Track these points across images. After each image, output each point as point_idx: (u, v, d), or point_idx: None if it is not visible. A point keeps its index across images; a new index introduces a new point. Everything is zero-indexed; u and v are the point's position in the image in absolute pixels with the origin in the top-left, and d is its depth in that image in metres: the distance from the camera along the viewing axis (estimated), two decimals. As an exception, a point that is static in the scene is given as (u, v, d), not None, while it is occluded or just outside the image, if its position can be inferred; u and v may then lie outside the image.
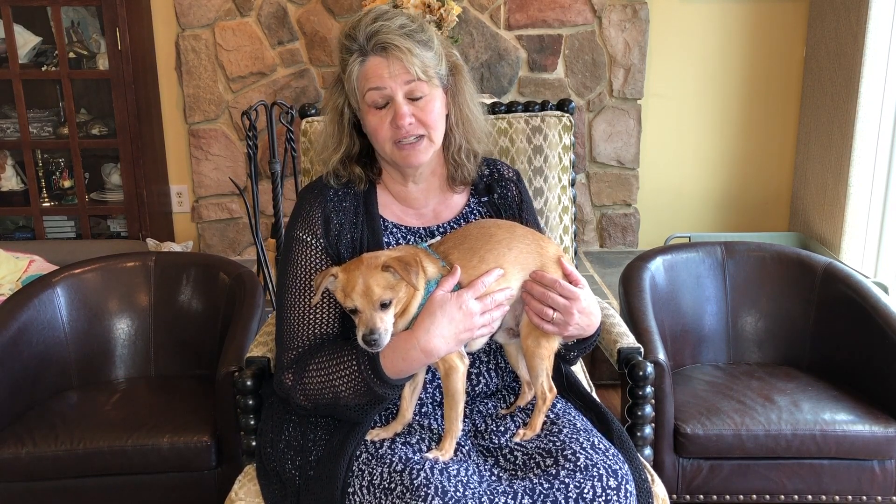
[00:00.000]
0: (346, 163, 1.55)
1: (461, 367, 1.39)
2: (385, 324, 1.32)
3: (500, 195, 1.63)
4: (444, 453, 1.36)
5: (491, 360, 1.54)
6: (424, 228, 1.57)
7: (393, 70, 1.42)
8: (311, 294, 1.45)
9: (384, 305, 1.31)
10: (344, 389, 1.37)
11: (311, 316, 1.45)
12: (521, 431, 1.44)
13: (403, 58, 1.41)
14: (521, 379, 1.53)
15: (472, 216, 1.60)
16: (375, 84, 1.43)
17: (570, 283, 1.44)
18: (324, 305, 1.46)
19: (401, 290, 1.33)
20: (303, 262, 1.48)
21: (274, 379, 1.49)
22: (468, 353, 1.44)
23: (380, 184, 1.58)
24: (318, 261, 1.47)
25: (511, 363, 1.54)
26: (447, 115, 1.54)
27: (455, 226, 1.57)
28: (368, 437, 1.41)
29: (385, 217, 1.55)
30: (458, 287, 1.39)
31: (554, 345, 1.46)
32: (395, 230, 1.54)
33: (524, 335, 1.45)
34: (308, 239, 1.49)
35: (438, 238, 1.51)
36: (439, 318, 1.34)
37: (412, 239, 1.54)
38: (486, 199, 1.62)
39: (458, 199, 1.61)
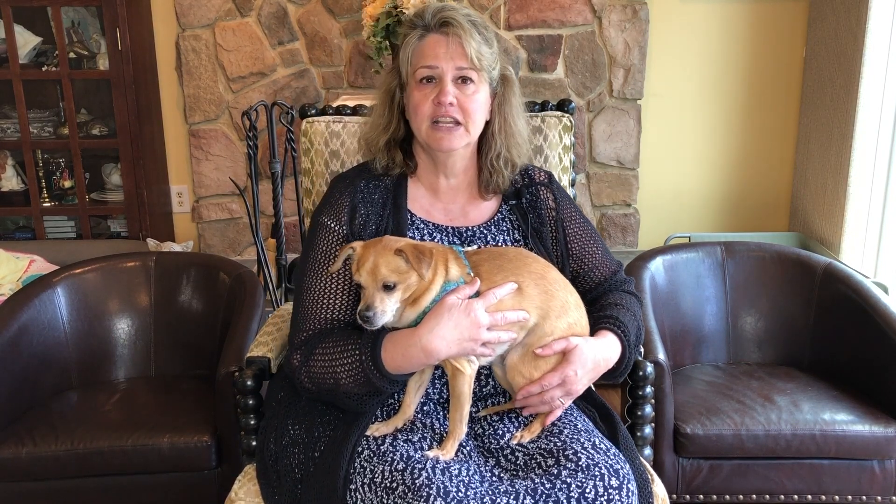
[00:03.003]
0: (391, 145, 1.57)
1: (468, 370, 1.39)
2: (384, 305, 1.33)
3: (528, 200, 1.62)
4: (446, 453, 1.36)
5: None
6: (452, 228, 1.57)
7: (450, 49, 1.47)
8: (328, 279, 1.47)
9: (388, 287, 1.33)
10: (344, 377, 1.38)
11: (327, 300, 1.47)
12: (518, 434, 1.45)
13: (463, 36, 1.46)
14: (512, 394, 1.51)
15: (504, 223, 1.60)
16: (429, 62, 1.48)
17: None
18: (339, 291, 1.47)
19: (410, 278, 1.35)
20: (324, 248, 1.50)
21: (284, 358, 1.51)
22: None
23: (413, 178, 1.60)
24: (339, 248, 1.49)
25: (499, 381, 1.52)
26: (490, 121, 1.56)
27: (485, 231, 1.58)
28: (369, 433, 1.42)
29: (413, 211, 1.57)
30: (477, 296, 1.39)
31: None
32: (421, 225, 1.55)
33: (510, 372, 1.44)
34: (332, 225, 1.51)
35: (476, 247, 1.52)
36: (445, 321, 1.34)
37: (438, 236, 1.55)
38: (513, 202, 1.62)
39: (490, 204, 1.62)
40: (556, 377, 1.40)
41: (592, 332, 1.49)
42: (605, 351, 1.47)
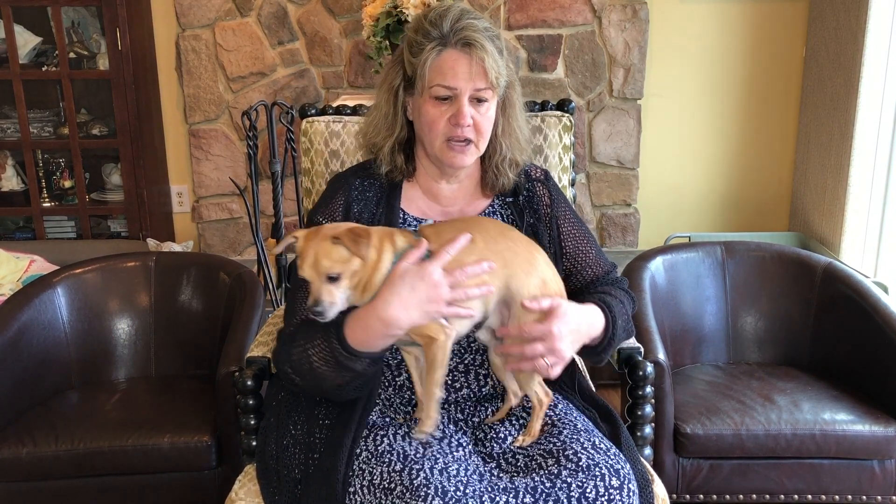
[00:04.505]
0: (395, 150, 1.55)
1: (441, 336, 1.36)
2: (332, 297, 1.31)
3: (525, 197, 1.62)
4: (426, 424, 1.35)
5: None
6: None
7: (472, 70, 1.44)
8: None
9: (332, 278, 1.31)
10: (316, 359, 1.37)
11: None
12: (520, 437, 1.44)
13: (486, 59, 1.44)
14: (507, 387, 1.51)
15: (495, 217, 1.59)
16: (448, 82, 1.45)
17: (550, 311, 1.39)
18: None
19: (354, 264, 1.32)
20: None
21: (273, 353, 1.51)
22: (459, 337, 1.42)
23: (409, 180, 1.59)
24: None
25: (494, 372, 1.52)
26: (494, 124, 1.55)
27: None
28: (414, 435, 1.40)
29: (407, 211, 1.56)
30: None
31: None
32: (414, 223, 1.55)
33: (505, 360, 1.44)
34: (325, 223, 1.49)
35: (433, 221, 1.53)
36: (398, 288, 1.32)
37: None
38: (510, 199, 1.62)
39: (483, 201, 1.62)
40: (537, 328, 1.37)
41: None
42: (589, 316, 1.46)
